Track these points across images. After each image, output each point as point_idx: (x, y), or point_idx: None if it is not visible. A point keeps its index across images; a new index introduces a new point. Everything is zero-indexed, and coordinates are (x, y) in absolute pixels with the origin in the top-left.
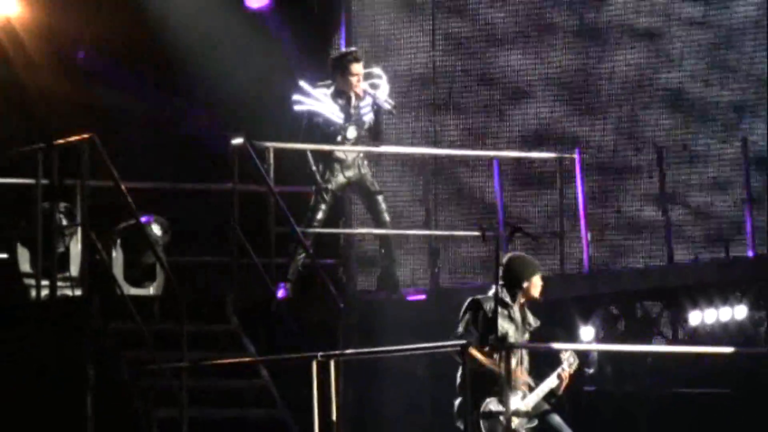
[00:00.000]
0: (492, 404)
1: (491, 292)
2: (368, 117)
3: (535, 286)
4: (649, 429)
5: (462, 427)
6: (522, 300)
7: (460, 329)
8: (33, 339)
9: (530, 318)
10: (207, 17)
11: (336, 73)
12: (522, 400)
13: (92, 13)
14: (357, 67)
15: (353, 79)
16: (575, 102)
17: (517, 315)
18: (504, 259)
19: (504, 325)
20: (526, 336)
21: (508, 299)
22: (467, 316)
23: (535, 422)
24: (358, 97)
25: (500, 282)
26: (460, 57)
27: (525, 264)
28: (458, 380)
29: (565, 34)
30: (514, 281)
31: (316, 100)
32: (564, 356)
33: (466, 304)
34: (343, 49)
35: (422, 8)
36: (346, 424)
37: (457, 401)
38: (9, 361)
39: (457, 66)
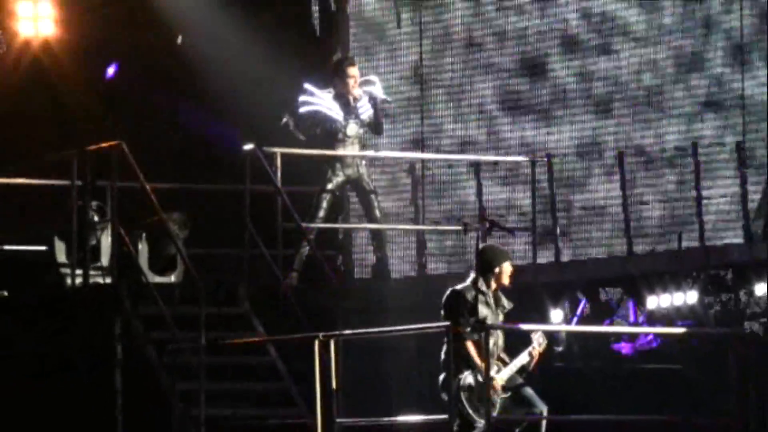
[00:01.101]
0: (468, 378)
1: (469, 280)
2: (366, 115)
3: (505, 272)
4: (611, 401)
5: (446, 398)
6: (494, 285)
7: (464, 323)
8: (68, 321)
9: (504, 301)
10: (223, 36)
11: (335, 77)
12: (497, 374)
13: (120, 32)
14: (353, 70)
15: (350, 81)
16: (548, 107)
17: (491, 300)
18: (481, 248)
19: (482, 311)
20: (501, 318)
21: (483, 287)
22: (459, 308)
23: (509, 393)
24: (356, 99)
25: (476, 268)
26: (444, 71)
27: (495, 252)
28: (442, 357)
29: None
30: (486, 268)
31: (319, 98)
32: (534, 336)
33: (449, 296)
34: (340, 56)
35: (410, 31)
36: (344, 396)
37: (442, 376)
38: (47, 342)
39: (441, 79)
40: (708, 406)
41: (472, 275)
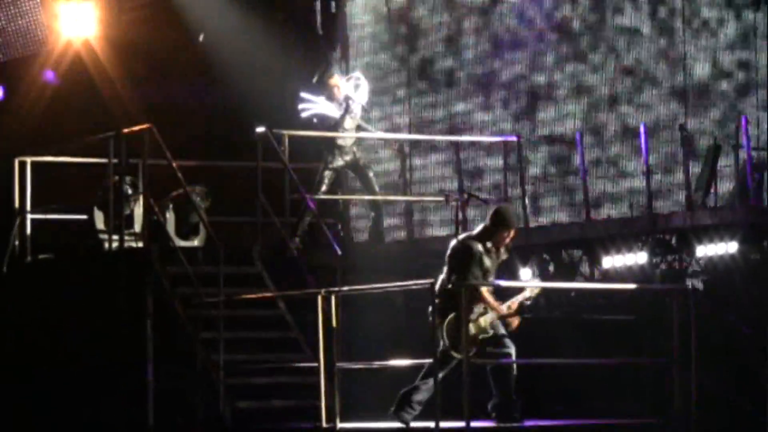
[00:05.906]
0: (479, 316)
1: (475, 232)
2: (356, 109)
3: (508, 235)
4: (572, 347)
5: (448, 343)
6: (494, 242)
7: (475, 273)
8: (106, 280)
9: (501, 252)
10: (239, 33)
11: (323, 91)
12: (482, 318)
13: (150, 30)
14: (332, 80)
15: (334, 90)
16: (523, 98)
17: (492, 251)
18: (496, 206)
19: (486, 261)
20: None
21: (489, 244)
22: (469, 260)
23: (490, 333)
24: (346, 99)
25: (487, 222)
26: (428, 63)
27: (508, 215)
28: (429, 309)
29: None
30: (497, 222)
31: (315, 103)
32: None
33: (458, 248)
34: (320, 72)
35: (399, 31)
36: (343, 343)
37: (446, 321)
38: (88, 298)
39: (425, 70)
40: (654, 351)
41: (479, 228)
